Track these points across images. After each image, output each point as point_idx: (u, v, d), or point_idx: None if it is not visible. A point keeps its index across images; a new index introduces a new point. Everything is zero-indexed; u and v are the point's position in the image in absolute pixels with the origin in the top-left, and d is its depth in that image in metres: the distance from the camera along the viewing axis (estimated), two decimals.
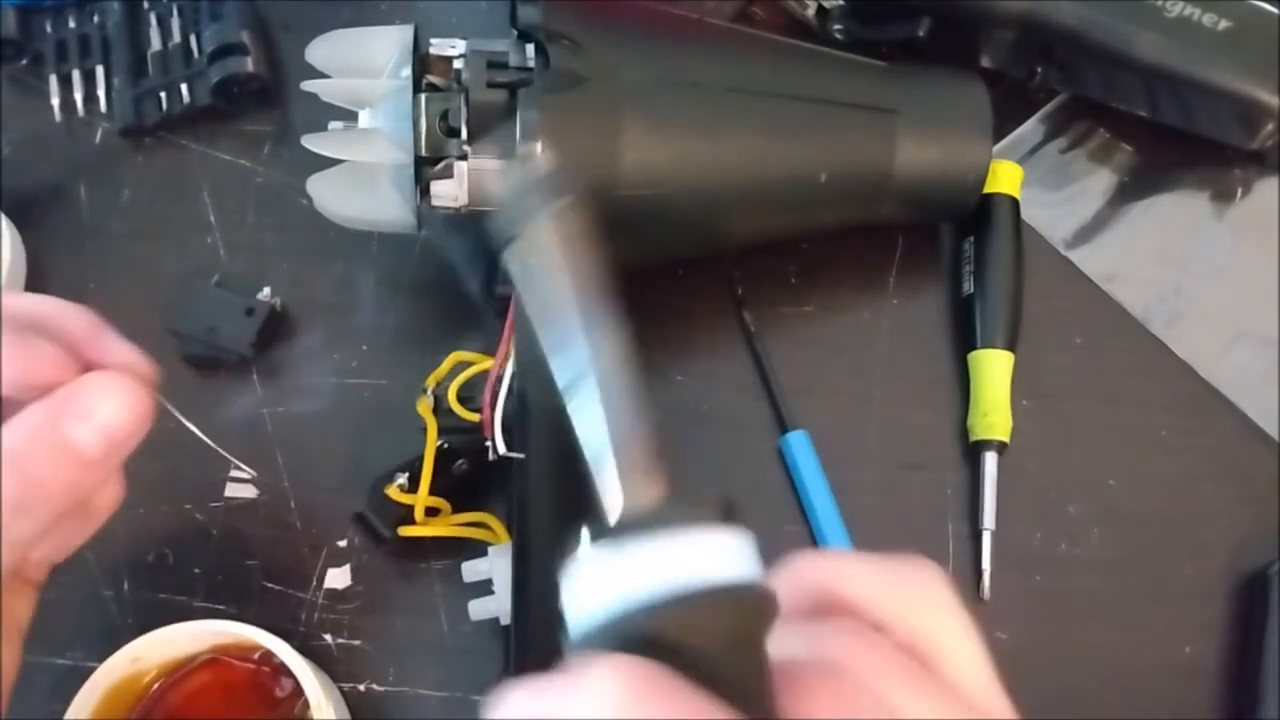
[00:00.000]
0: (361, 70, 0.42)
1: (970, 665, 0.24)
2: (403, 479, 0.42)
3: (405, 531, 0.42)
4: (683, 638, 0.20)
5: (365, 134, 0.41)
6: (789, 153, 0.43)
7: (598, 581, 0.21)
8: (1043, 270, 0.49)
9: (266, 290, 0.48)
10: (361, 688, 0.43)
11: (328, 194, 0.42)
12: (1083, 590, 0.45)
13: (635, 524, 0.21)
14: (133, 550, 0.44)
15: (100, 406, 0.31)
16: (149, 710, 0.40)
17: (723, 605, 0.21)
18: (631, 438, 0.23)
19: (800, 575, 0.25)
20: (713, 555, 0.21)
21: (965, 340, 0.47)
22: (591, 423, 0.23)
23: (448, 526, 0.42)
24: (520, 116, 0.39)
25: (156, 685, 0.40)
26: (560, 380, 0.23)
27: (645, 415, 0.23)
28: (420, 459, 0.42)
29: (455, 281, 0.48)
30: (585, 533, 0.22)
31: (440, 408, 0.42)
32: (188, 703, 0.40)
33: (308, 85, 0.42)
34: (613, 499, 0.23)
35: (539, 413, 0.40)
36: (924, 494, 0.46)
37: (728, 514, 0.22)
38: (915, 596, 0.24)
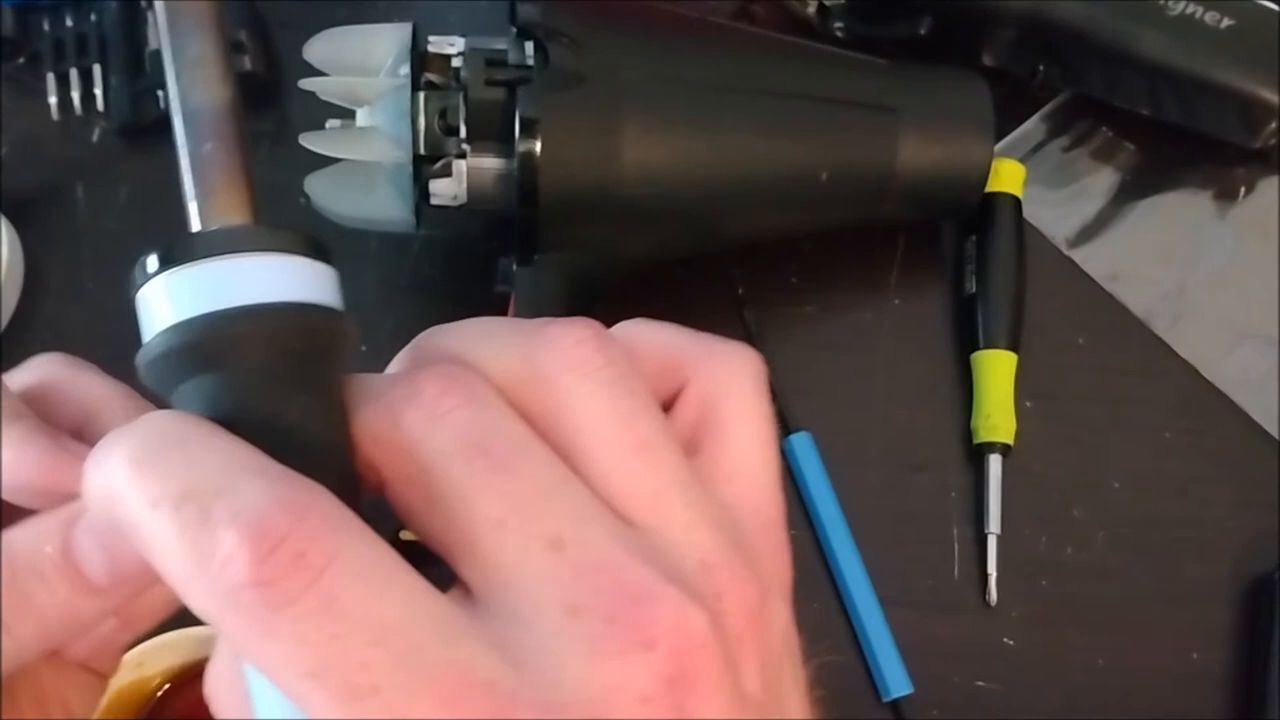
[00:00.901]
0: (360, 68, 0.41)
1: (748, 448, 0.21)
2: None
3: (407, 533, 0.41)
4: (235, 352, 0.20)
5: (363, 132, 0.41)
6: (789, 152, 0.43)
7: (160, 301, 0.21)
8: (1045, 270, 0.48)
9: None
10: None
11: (326, 193, 0.41)
12: (1088, 595, 0.44)
13: (206, 245, 0.21)
14: None
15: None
16: (154, 716, 0.40)
17: (282, 322, 0.20)
18: (215, 155, 0.22)
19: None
20: (283, 278, 0.21)
21: (968, 340, 0.47)
22: (179, 136, 0.22)
23: None
24: (519, 115, 0.39)
25: (161, 691, 0.40)
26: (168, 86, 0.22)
27: (240, 138, 0.22)
28: None
29: (455, 281, 0.48)
30: (154, 255, 0.21)
31: None
32: (193, 708, 0.39)
33: (305, 83, 0.41)
34: (190, 219, 0.22)
35: None
36: (928, 496, 0.46)
37: (315, 249, 0.22)
38: (714, 356, 0.22)
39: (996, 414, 0.45)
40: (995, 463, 0.45)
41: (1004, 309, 0.46)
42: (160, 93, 0.51)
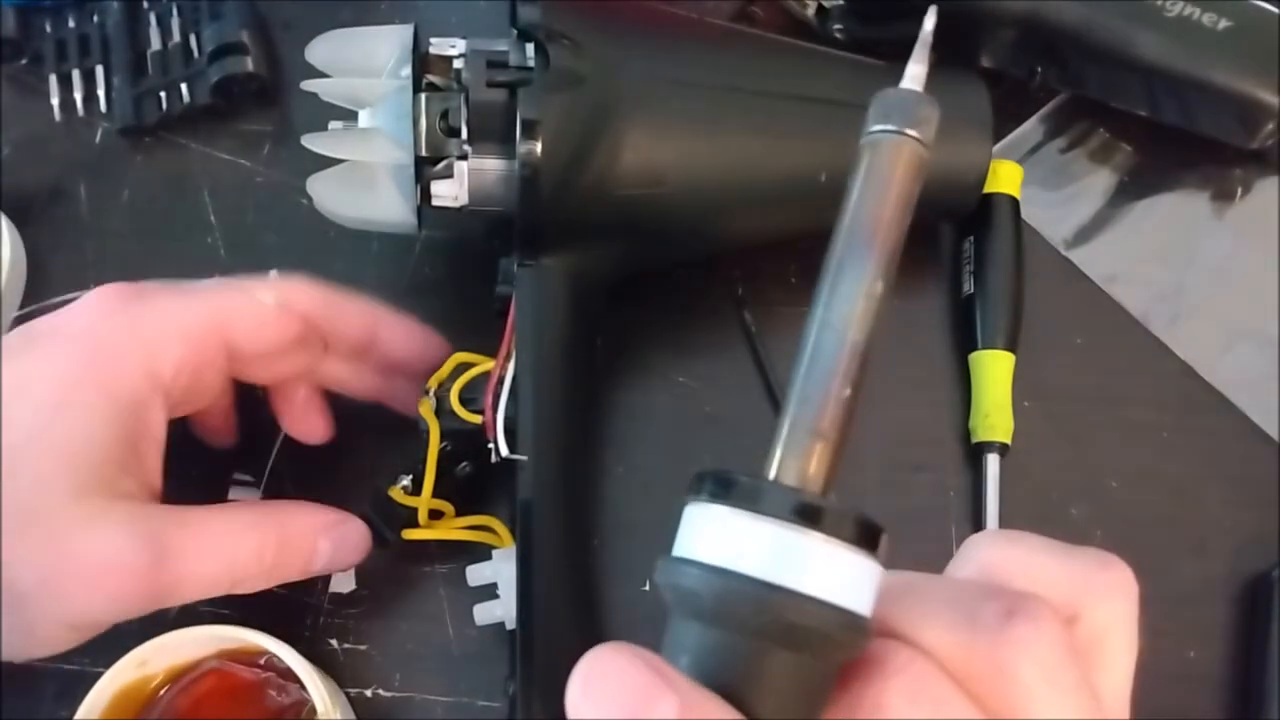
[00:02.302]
0: (361, 70, 0.41)
1: (1122, 674, 0.23)
2: (406, 481, 0.41)
3: (409, 535, 0.42)
4: (774, 632, 0.20)
5: (365, 134, 0.41)
6: (789, 152, 0.43)
7: (717, 533, 0.20)
8: (1043, 270, 0.49)
9: (273, 273, 0.48)
10: (368, 693, 0.43)
11: (328, 194, 0.42)
12: None
13: (774, 499, 0.20)
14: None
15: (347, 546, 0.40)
16: (156, 715, 0.40)
17: (815, 622, 0.20)
18: (827, 404, 0.21)
19: (985, 560, 0.24)
20: (835, 572, 0.20)
21: (966, 341, 0.47)
22: (801, 366, 0.21)
23: (451, 530, 0.42)
24: (520, 116, 0.39)
25: (163, 690, 0.40)
26: (816, 301, 0.21)
27: (855, 388, 0.21)
28: (423, 460, 0.42)
29: (456, 282, 0.48)
30: (714, 479, 0.20)
31: (442, 409, 0.42)
32: (194, 708, 0.40)
33: (307, 85, 0.42)
34: (772, 456, 0.21)
35: (542, 414, 0.40)
36: (926, 496, 0.46)
37: (869, 539, 0.21)
38: (1104, 589, 0.23)
39: (994, 414, 0.45)
40: (993, 462, 0.45)
41: (1002, 309, 0.46)
42: (162, 94, 0.51)
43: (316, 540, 0.39)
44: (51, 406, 0.34)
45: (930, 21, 0.23)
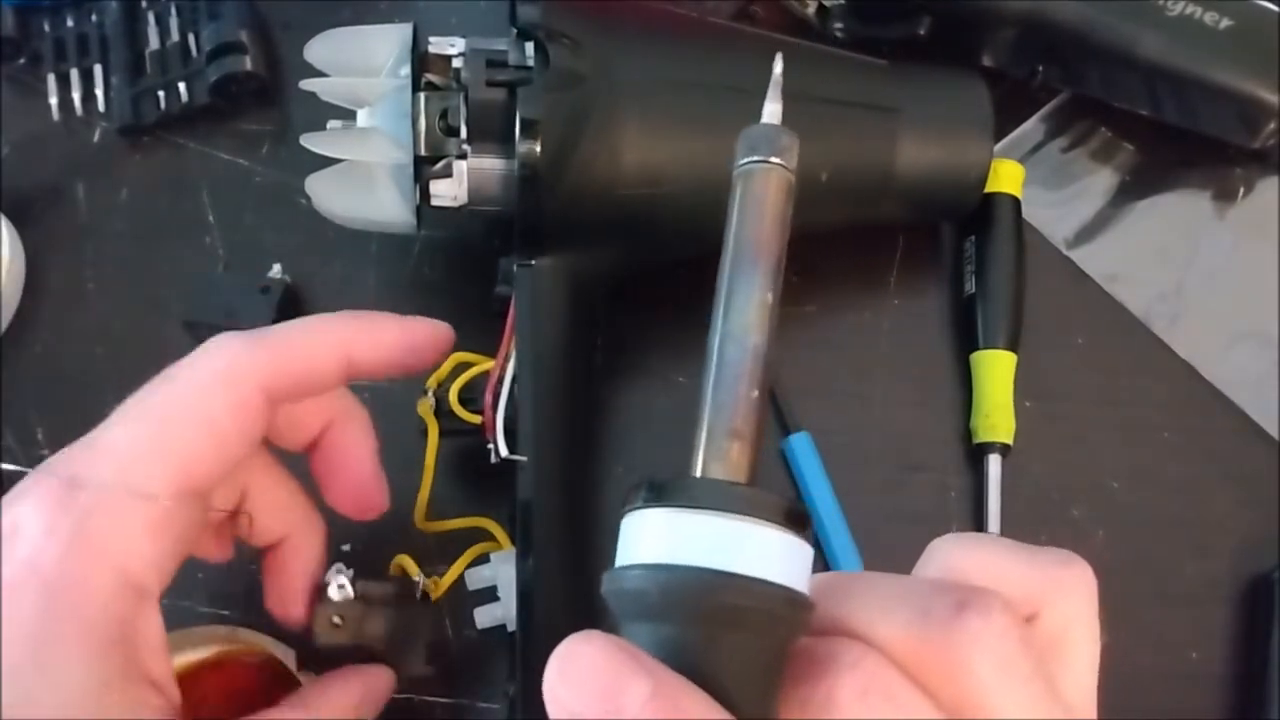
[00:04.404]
0: (360, 69, 0.41)
1: (1085, 669, 0.23)
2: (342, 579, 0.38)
3: (437, 595, 0.41)
4: (718, 617, 0.20)
5: (364, 133, 0.41)
6: None
7: (655, 533, 0.21)
8: (1044, 270, 0.49)
9: (277, 267, 0.48)
10: None
11: (327, 193, 0.41)
12: None
13: (704, 493, 0.21)
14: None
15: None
16: None
17: (759, 601, 0.21)
18: (739, 406, 0.22)
19: (947, 561, 0.24)
20: (771, 552, 0.21)
21: (967, 341, 0.47)
22: (709, 375, 0.23)
23: (451, 574, 0.42)
24: (519, 115, 0.39)
25: None
26: (714, 318, 0.24)
27: (762, 390, 0.23)
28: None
29: (456, 282, 0.48)
30: (646, 486, 0.22)
31: (441, 409, 0.42)
32: (194, 708, 0.39)
33: (306, 84, 0.41)
34: (695, 459, 0.22)
35: (542, 414, 0.40)
36: (927, 496, 0.46)
37: (797, 522, 0.22)
38: (1063, 586, 0.23)
39: (996, 414, 0.45)
40: (994, 462, 0.45)
41: (1003, 309, 0.46)
42: (161, 93, 0.51)
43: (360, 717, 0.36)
44: (27, 675, 0.28)
45: (778, 66, 0.26)
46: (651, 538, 0.21)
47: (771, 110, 0.26)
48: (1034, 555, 0.24)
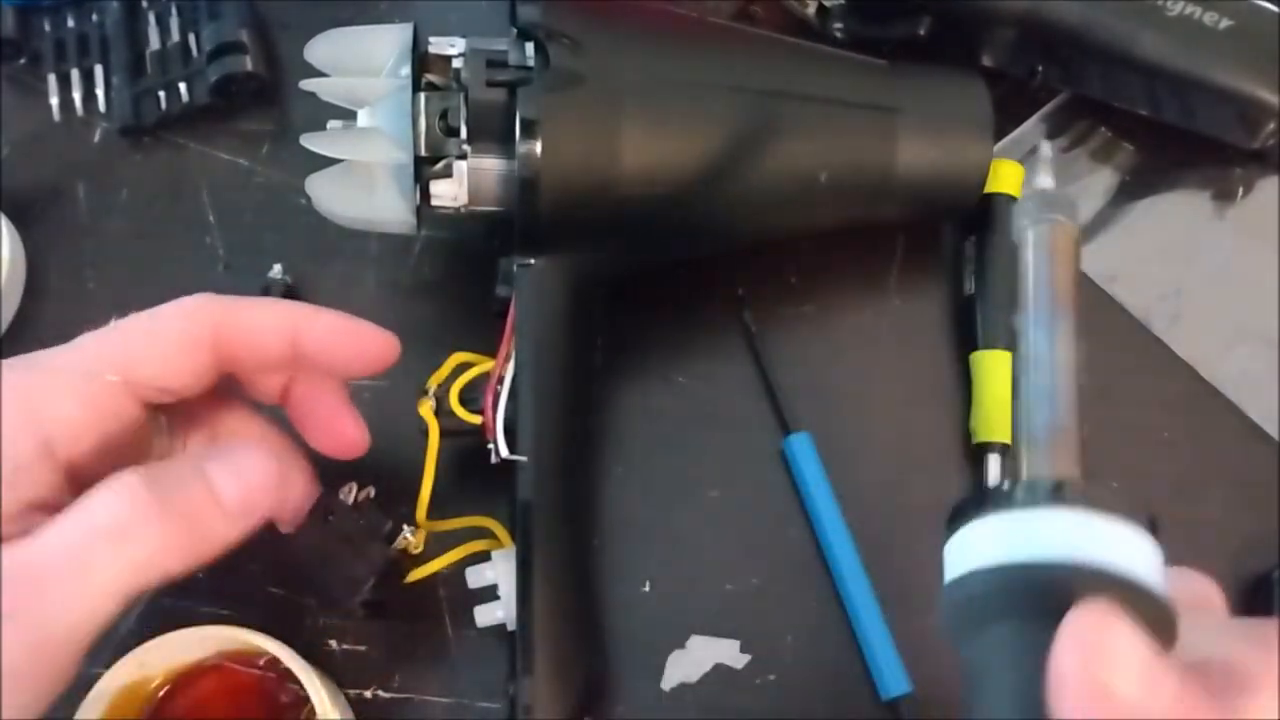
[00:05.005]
0: (360, 69, 0.41)
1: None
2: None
3: (414, 576, 0.41)
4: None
5: (364, 133, 0.41)
6: (789, 152, 0.43)
7: (1009, 534, 0.23)
8: None
9: (277, 268, 0.48)
10: (367, 694, 0.42)
11: (327, 193, 0.41)
12: None
13: (1063, 493, 0.23)
14: None
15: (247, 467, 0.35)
16: (155, 715, 0.40)
17: (1139, 603, 0.22)
18: (1069, 424, 0.25)
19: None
20: (1136, 552, 0.22)
21: (967, 341, 0.47)
22: (1037, 399, 0.26)
23: (449, 558, 0.42)
24: (520, 115, 0.39)
25: (163, 691, 0.40)
26: (1022, 357, 0.27)
27: (1080, 419, 0.25)
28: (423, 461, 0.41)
29: (456, 282, 0.48)
30: (987, 493, 0.24)
31: (442, 409, 0.42)
32: (194, 708, 0.40)
33: (306, 84, 0.41)
34: (1035, 468, 0.24)
35: (542, 414, 0.40)
36: (927, 496, 0.46)
37: (1152, 525, 0.23)
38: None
39: (996, 414, 0.45)
40: (994, 462, 0.45)
41: (1003, 309, 0.46)
42: (161, 93, 0.51)
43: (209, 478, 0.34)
44: None
45: (1047, 149, 0.32)
46: (1046, 535, 0.22)
47: (1045, 179, 0.30)
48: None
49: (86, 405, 0.34)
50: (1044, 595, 0.22)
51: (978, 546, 0.23)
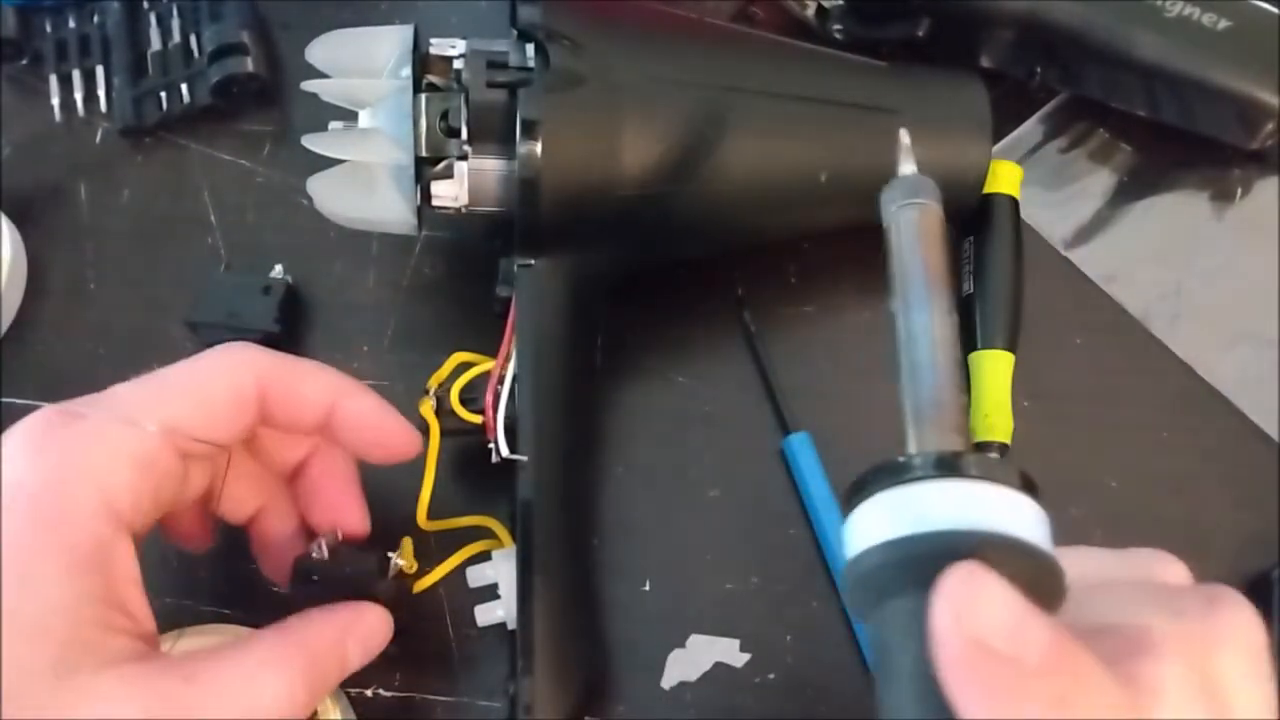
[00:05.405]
0: (361, 70, 0.41)
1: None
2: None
3: (420, 586, 0.41)
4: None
5: (365, 134, 0.41)
6: (789, 153, 0.43)
7: (896, 509, 0.23)
8: (1043, 270, 0.49)
9: (278, 268, 0.48)
10: (368, 693, 0.42)
11: (328, 194, 0.42)
12: None
13: (946, 465, 0.23)
14: (138, 554, 0.44)
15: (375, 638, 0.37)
16: None
17: (1025, 565, 0.22)
18: (950, 398, 0.26)
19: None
20: (1017, 513, 0.23)
21: (966, 341, 0.47)
22: (919, 375, 0.27)
23: (450, 564, 0.42)
24: (520, 116, 0.39)
25: None
26: (900, 337, 0.28)
27: (961, 391, 0.26)
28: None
29: (456, 282, 0.48)
30: (877, 470, 0.24)
31: (443, 409, 0.42)
32: None
33: (308, 85, 0.42)
34: (922, 443, 0.25)
35: (542, 414, 0.40)
36: None
37: (1029, 485, 0.24)
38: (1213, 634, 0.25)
39: (994, 414, 0.45)
40: None
41: (1001, 309, 0.46)
42: (162, 94, 0.51)
43: (345, 649, 0.35)
44: (12, 588, 0.29)
45: (905, 137, 0.32)
46: (930, 507, 0.23)
47: (908, 166, 0.31)
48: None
49: (142, 470, 0.32)
50: (932, 565, 0.22)
51: (869, 523, 0.23)
